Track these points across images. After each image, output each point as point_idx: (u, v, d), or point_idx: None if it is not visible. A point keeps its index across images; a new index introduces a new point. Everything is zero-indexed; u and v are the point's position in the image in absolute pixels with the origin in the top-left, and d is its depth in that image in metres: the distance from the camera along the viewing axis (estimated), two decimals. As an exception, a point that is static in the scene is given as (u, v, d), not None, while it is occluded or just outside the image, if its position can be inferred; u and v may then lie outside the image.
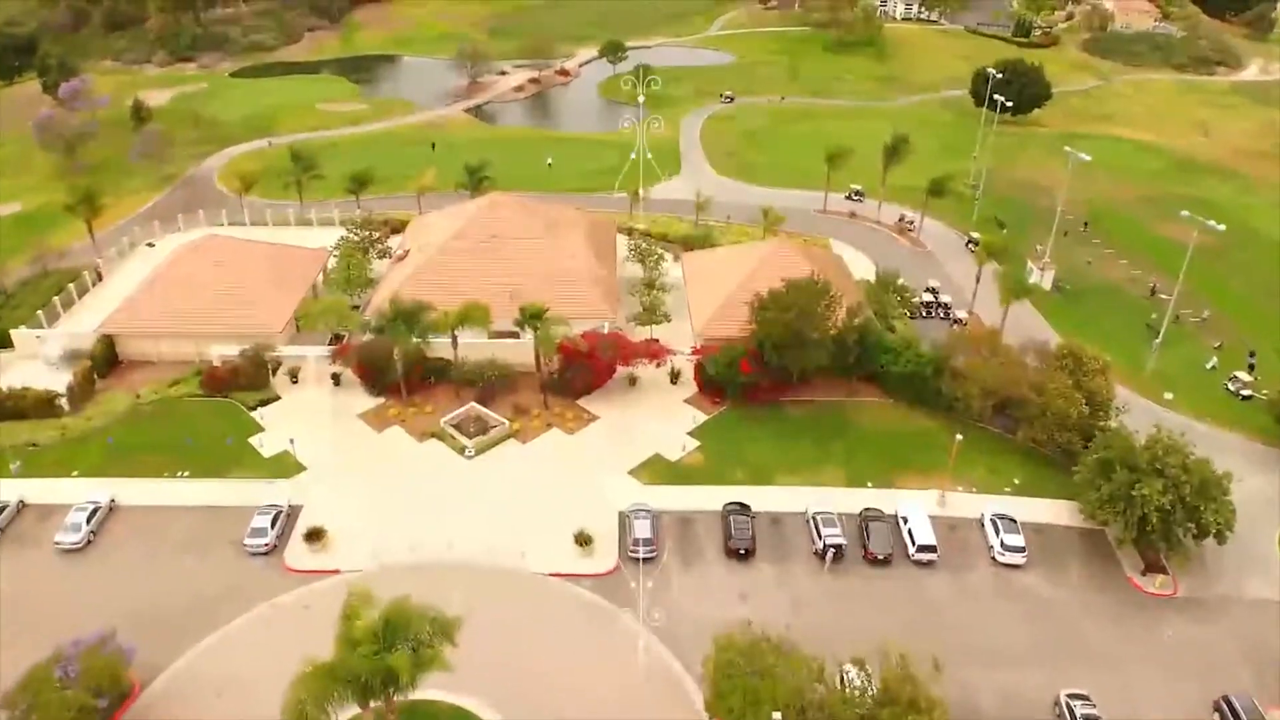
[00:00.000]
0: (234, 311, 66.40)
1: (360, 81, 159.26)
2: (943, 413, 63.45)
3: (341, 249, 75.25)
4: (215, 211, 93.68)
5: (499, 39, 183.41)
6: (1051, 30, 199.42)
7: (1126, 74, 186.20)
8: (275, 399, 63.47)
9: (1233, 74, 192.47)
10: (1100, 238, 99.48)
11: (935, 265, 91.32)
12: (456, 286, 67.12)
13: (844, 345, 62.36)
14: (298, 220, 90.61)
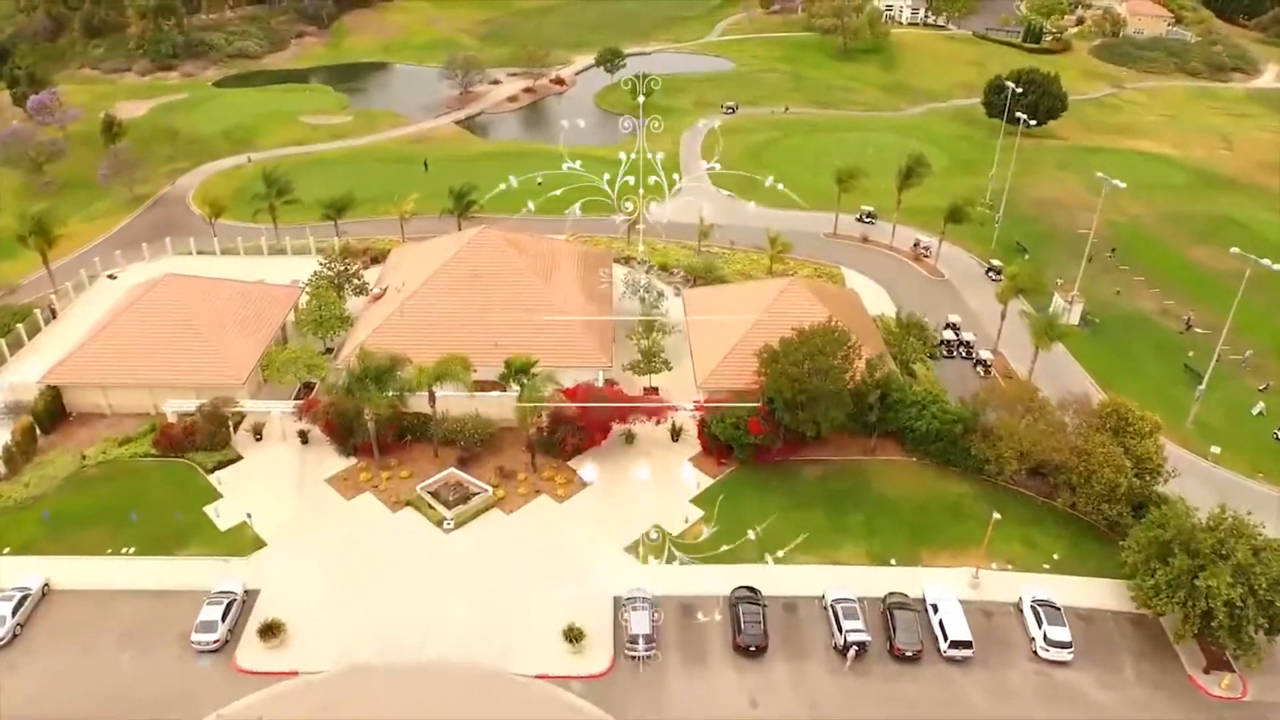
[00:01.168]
0: (192, 361, 60.45)
1: (347, 91, 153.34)
2: (973, 474, 57.61)
3: (313, 286, 69.16)
4: (186, 238, 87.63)
5: (492, 45, 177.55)
6: (1062, 36, 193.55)
7: (1140, 81, 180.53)
8: (236, 460, 57.51)
9: (1249, 80, 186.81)
10: (1127, 264, 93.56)
11: (954, 296, 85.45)
12: (435, 333, 61.23)
13: (863, 400, 56.45)
14: (271, 248, 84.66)
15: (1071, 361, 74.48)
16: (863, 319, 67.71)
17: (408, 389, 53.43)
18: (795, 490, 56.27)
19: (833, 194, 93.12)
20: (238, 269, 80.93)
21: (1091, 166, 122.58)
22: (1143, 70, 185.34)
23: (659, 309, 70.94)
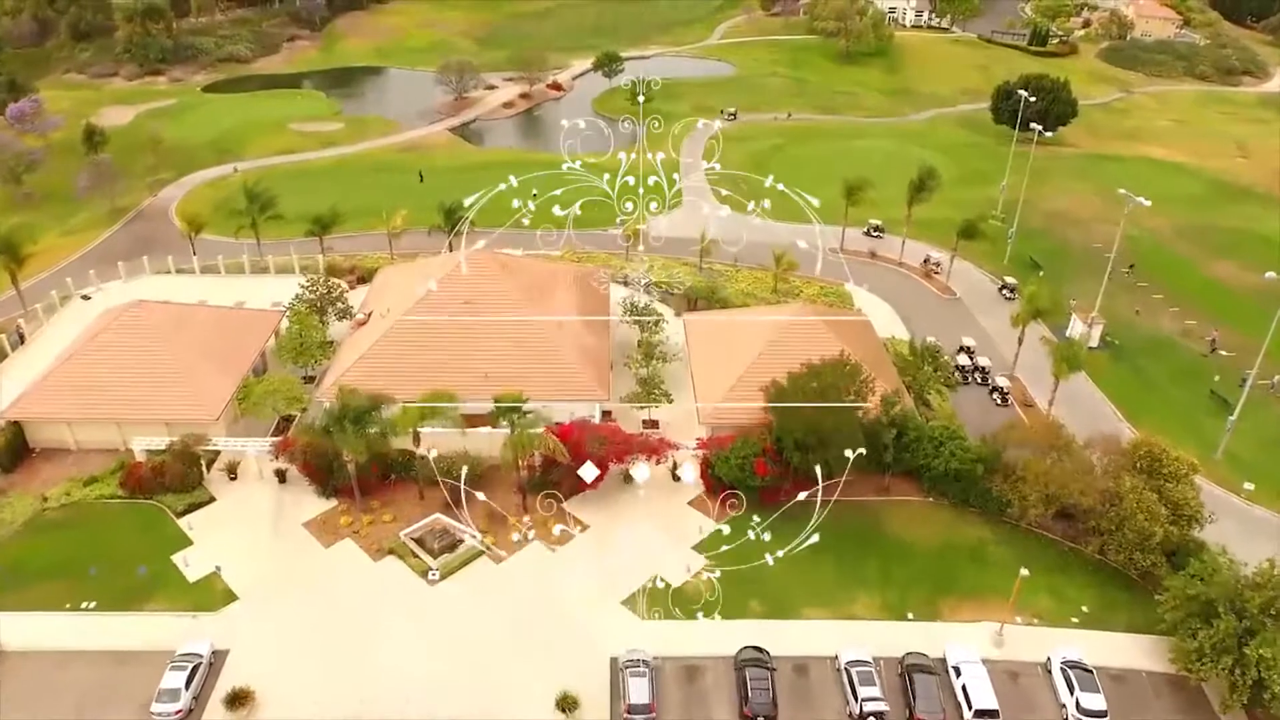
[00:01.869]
0: (163, 395, 56.82)
1: (339, 96, 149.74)
2: (993, 516, 54.10)
3: (293, 311, 65.58)
4: (166, 255, 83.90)
5: (489, 49, 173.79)
6: (1069, 39, 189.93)
7: (1148, 85, 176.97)
8: (208, 501, 53.93)
9: (1259, 84, 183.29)
10: (1146, 280, 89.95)
11: (966, 315, 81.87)
12: (421, 363, 57.68)
13: (878, 439, 52.86)
14: (253, 266, 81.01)
15: (1092, 387, 70.94)
16: (875, 348, 64.12)
17: (390, 431, 49.86)
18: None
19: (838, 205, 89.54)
20: (217, 289, 77.50)
21: (1104, 176, 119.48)
22: (1151, 74, 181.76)
23: (659, 334, 67.76)
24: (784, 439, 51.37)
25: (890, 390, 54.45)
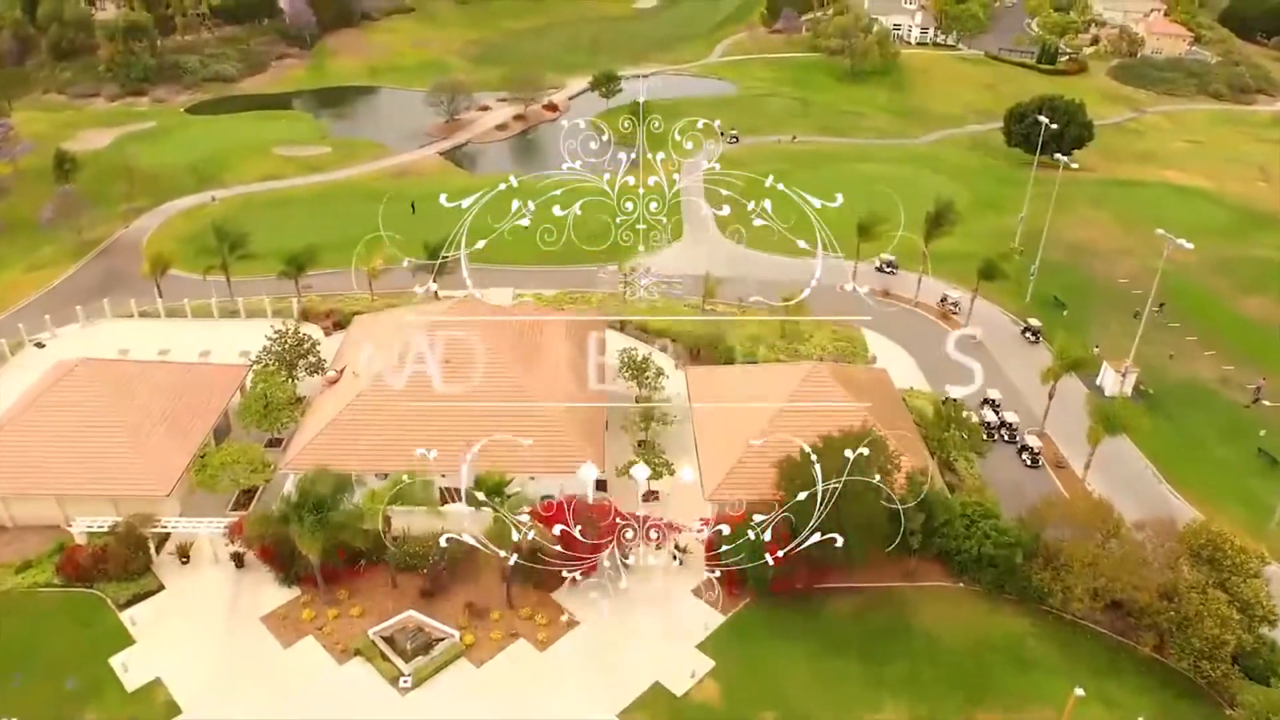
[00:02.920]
0: (109, 467, 51.23)
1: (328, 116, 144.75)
2: (1032, 603, 48.50)
3: (259, 369, 60.10)
4: (132, 294, 78.43)
5: (483, 67, 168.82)
6: (1078, 56, 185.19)
7: (1160, 104, 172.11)
8: (156, 590, 48.31)
9: (1274, 103, 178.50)
10: (1177, 320, 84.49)
11: (988, 360, 76.22)
12: (394, 433, 52.04)
13: (903, 521, 47.24)
14: (222, 310, 75.45)
15: (1128, 445, 65.31)
16: (896, 410, 58.62)
17: (354, 522, 44.26)
18: (823, 630, 47.11)
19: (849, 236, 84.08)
20: (183, 335, 72.04)
21: (1124, 203, 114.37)
22: (1162, 93, 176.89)
23: (658, 388, 62.42)
24: (799, 523, 45.70)
25: (918, 467, 48.83)
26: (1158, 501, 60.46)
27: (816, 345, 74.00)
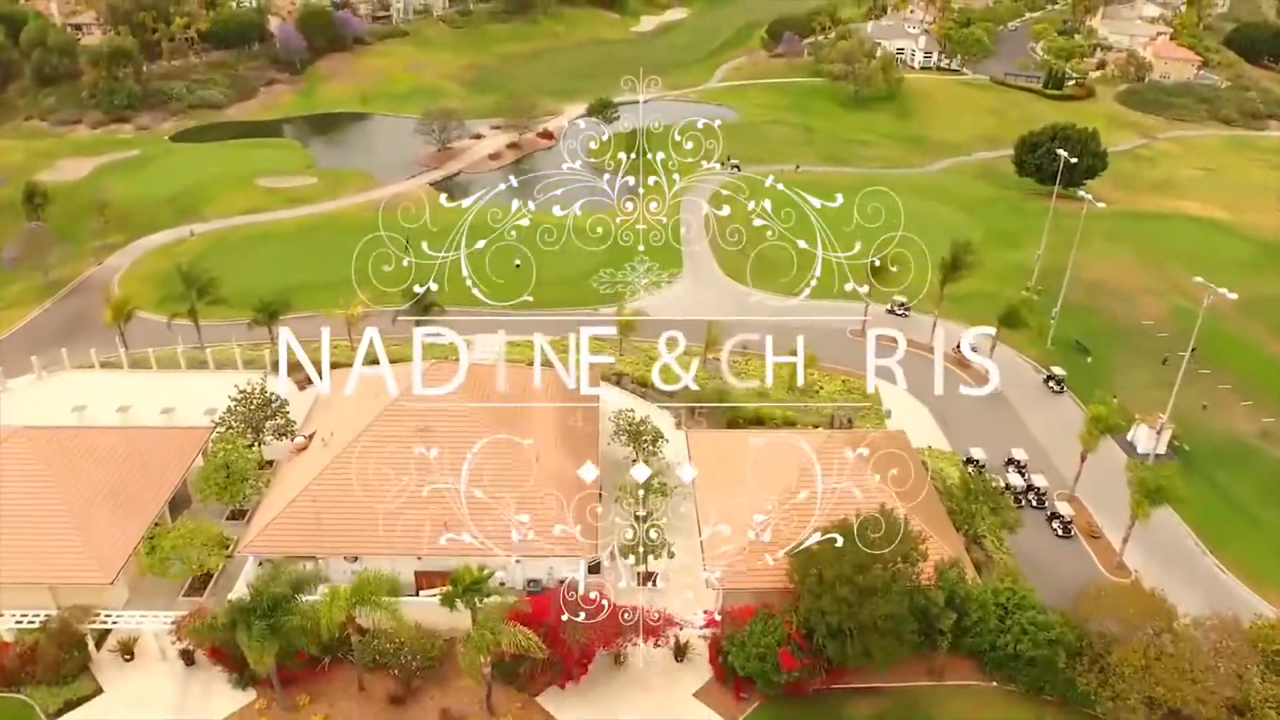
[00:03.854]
0: (47, 551, 46.04)
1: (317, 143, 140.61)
2: (1076, 707, 43.27)
3: (221, 434, 55.07)
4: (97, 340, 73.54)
5: (477, 93, 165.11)
6: (1085, 81, 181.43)
7: (1170, 130, 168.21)
8: (93, 695, 43.10)
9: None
10: (1207, 365, 79.52)
11: (1010, 414, 71.48)
12: (363, 514, 46.91)
13: (931, 618, 42.24)
14: (189, 361, 70.44)
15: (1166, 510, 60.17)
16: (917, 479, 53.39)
17: (313, 625, 39.09)
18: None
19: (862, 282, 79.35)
20: (146, 388, 66.94)
21: (1143, 238, 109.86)
22: (1172, 118, 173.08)
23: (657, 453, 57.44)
24: (815, 623, 40.71)
25: (947, 558, 43.68)
26: (1204, 577, 55.46)
27: (827, 397, 69.13)
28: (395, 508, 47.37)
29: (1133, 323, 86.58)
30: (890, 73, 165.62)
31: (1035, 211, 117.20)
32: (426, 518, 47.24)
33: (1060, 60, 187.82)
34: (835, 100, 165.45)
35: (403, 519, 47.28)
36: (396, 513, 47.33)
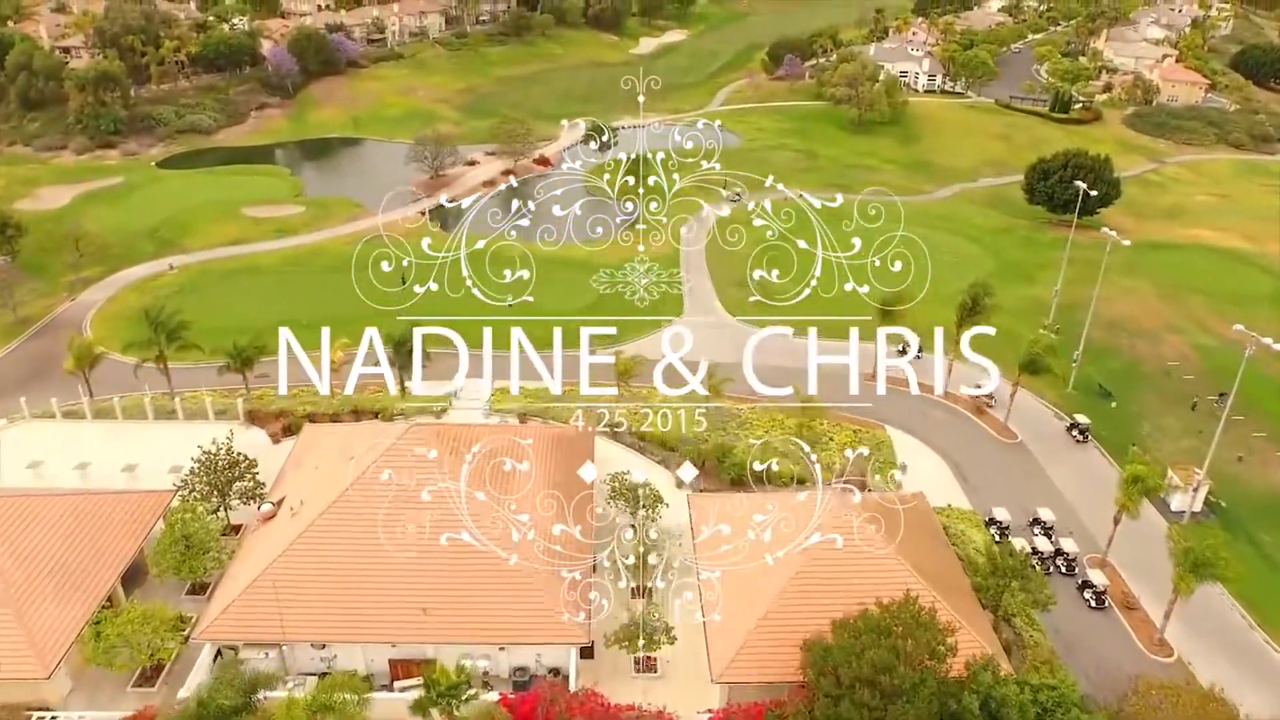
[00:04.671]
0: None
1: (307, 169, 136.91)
2: (1123, 818, 38.73)
3: (183, 499, 50.70)
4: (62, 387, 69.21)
5: (472, 117, 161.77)
6: (1092, 104, 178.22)
7: (1180, 154, 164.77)
8: (24, 808, 38.43)
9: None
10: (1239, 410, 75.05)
11: (1031, 465, 67.11)
12: (332, 596, 42.63)
13: (956, 713, 37.67)
14: (158, 409, 66.06)
15: (1209, 581, 55.88)
16: (942, 557, 49.06)
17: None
18: None
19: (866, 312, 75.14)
20: (108, 442, 62.61)
21: (1161, 270, 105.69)
22: (1181, 142, 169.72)
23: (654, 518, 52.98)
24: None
25: (980, 656, 39.12)
26: (1253, 654, 51.00)
27: (837, 450, 64.65)
28: (367, 589, 43.32)
29: (1156, 363, 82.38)
30: (894, 96, 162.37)
31: (1048, 243, 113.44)
32: (402, 600, 43.20)
33: (1066, 83, 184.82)
34: (837, 124, 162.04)
35: (376, 601, 43.27)
36: (369, 594, 43.29)
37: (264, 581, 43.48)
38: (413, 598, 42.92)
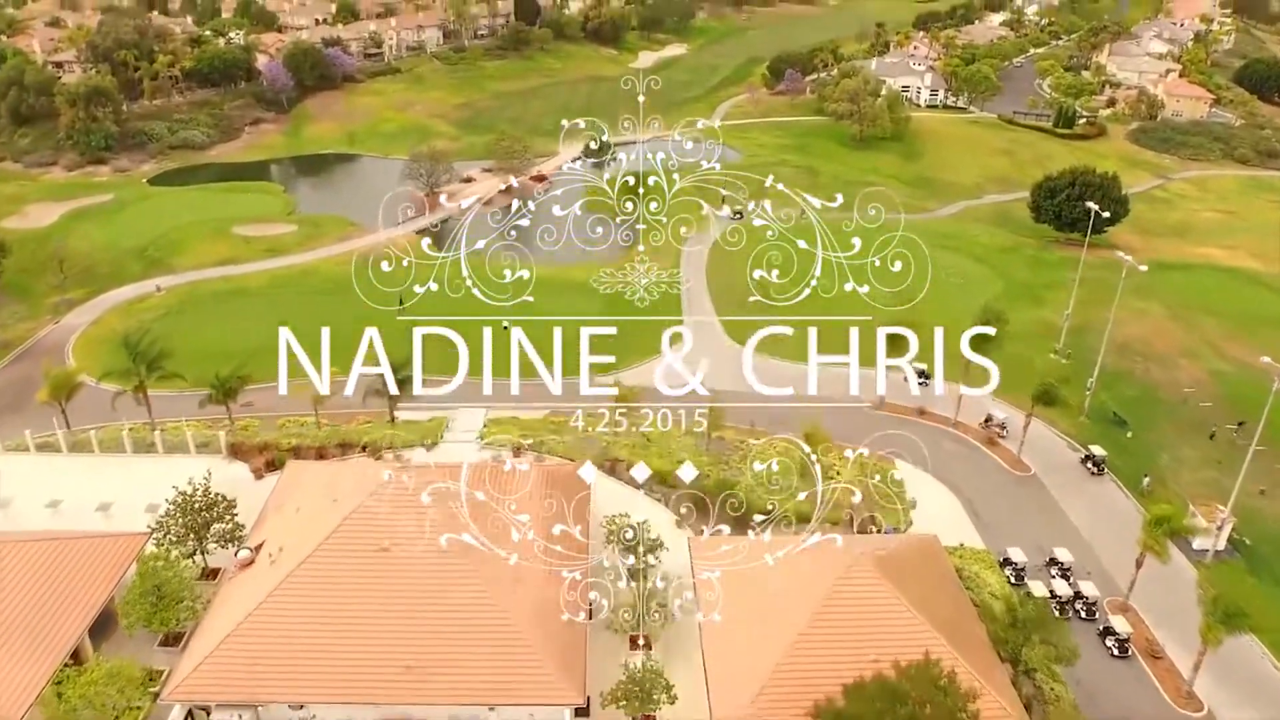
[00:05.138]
0: (-70, 702, 38.88)
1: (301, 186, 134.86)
2: None
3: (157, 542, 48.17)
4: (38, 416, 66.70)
5: (469, 132, 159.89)
6: (1097, 119, 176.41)
7: (1185, 170, 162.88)
8: None
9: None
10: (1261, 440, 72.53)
11: (1045, 500, 64.50)
12: (313, 652, 40.03)
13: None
14: (137, 441, 63.46)
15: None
16: (958, 607, 46.46)
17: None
18: None
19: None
20: (83, 477, 59.94)
21: (1171, 290, 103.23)
22: (1187, 157, 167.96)
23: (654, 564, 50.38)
24: (848, 808, 33.57)
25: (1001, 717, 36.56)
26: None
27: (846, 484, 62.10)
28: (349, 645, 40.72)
29: (1172, 390, 79.91)
30: (897, 111, 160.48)
31: (1055, 262, 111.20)
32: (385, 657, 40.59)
33: (1069, 98, 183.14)
34: (839, 140, 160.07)
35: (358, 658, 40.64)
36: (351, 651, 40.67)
37: (238, 638, 40.87)
38: (397, 654, 40.29)
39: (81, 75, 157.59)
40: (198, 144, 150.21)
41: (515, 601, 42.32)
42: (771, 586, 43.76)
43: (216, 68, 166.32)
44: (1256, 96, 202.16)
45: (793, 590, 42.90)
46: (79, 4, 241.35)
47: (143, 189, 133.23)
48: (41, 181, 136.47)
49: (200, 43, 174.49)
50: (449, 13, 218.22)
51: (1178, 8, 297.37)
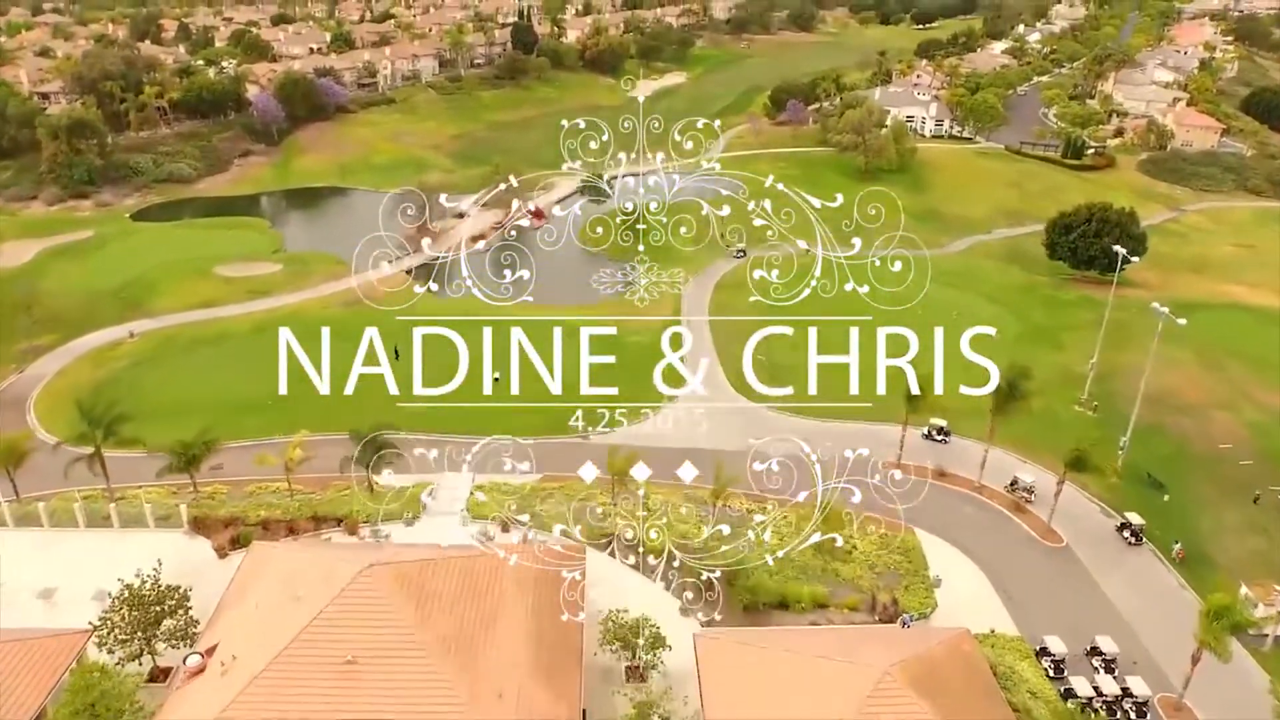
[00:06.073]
0: None
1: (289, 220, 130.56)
2: None
3: (102, 638, 43.03)
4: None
5: (464, 165, 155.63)
6: (1106, 150, 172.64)
7: (1198, 201, 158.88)
8: None
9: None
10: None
11: (1080, 575, 59.21)
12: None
13: None
14: (90, 514, 58.15)
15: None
16: (999, 717, 41.14)
17: None
18: None
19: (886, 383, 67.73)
20: (27, 557, 54.48)
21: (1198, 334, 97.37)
22: (1199, 188, 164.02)
23: (655, 663, 45.45)
24: None
25: None
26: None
27: (861, 561, 57.14)
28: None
29: (1207, 445, 74.88)
30: (903, 142, 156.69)
31: (1073, 301, 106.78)
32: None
33: (1077, 128, 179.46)
34: (843, 172, 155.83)
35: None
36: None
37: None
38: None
39: (65, 107, 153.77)
40: (184, 177, 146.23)
41: (503, 709, 37.05)
42: (792, 706, 38.52)
43: (205, 99, 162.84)
44: (1266, 125, 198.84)
45: (816, 709, 37.60)
46: (71, 34, 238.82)
47: (124, 225, 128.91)
48: (20, 217, 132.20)
49: (190, 73, 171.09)
50: (445, 41, 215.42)
51: (1180, 35, 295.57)
